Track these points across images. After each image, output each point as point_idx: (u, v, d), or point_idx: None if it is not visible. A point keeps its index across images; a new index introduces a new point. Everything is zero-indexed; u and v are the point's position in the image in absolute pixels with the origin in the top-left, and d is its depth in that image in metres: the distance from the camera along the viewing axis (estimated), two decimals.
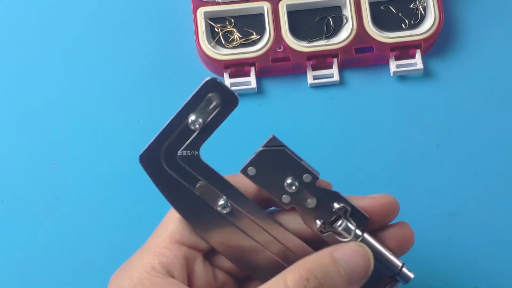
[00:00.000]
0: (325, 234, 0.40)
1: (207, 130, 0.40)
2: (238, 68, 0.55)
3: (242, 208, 0.40)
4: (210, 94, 0.39)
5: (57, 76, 0.56)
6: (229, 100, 0.40)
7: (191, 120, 0.39)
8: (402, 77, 0.56)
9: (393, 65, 0.56)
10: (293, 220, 0.41)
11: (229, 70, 0.55)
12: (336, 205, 0.40)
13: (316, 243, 0.41)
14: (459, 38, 0.57)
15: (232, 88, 0.54)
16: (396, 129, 0.55)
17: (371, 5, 0.56)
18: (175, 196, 0.40)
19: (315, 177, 0.40)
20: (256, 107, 0.56)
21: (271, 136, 0.41)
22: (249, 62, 0.55)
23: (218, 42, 0.56)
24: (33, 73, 0.56)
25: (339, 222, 0.40)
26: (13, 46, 0.57)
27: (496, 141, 0.55)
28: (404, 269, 0.41)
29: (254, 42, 0.56)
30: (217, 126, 0.40)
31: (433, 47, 0.57)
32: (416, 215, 0.53)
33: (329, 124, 0.55)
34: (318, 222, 0.40)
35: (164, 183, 0.40)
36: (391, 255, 0.40)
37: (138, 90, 0.56)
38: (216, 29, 0.56)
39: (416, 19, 0.56)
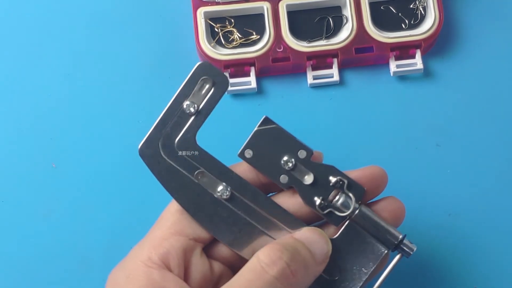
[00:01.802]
0: (325, 212, 0.41)
1: (202, 114, 0.41)
2: (238, 68, 0.55)
3: (241, 193, 0.41)
4: (202, 78, 0.41)
5: (57, 76, 0.56)
6: (220, 82, 0.41)
7: (186, 104, 0.41)
8: (402, 77, 0.56)
9: (393, 65, 0.56)
10: (292, 202, 0.42)
11: (229, 70, 0.55)
12: (332, 179, 0.41)
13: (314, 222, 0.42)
14: (459, 38, 0.57)
15: (232, 88, 0.55)
16: (396, 129, 0.55)
17: (371, 5, 0.56)
18: (175, 185, 0.41)
19: (310, 152, 0.42)
20: (256, 107, 0.56)
21: (264, 117, 0.42)
22: (249, 62, 0.55)
23: (218, 42, 0.56)
24: (33, 73, 0.56)
25: (337, 197, 0.41)
26: (13, 47, 0.57)
27: (496, 141, 0.55)
28: (406, 241, 0.41)
29: (254, 42, 0.56)
30: (210, 110, 0.41)
31: (433, 47, 0.57)
32: (416, 215, 0.53)
33: (329, 124, 0.55)
34: (317, 199, 0.41)
35: (163, 174, 0.41)
36: (391, 226, 0.41)
37: (138, 90, 0.56)
38: (216, 29, 0.56)
39: (416, 19, 0.56)
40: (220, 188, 0.41)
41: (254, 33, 0.56)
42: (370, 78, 0.56)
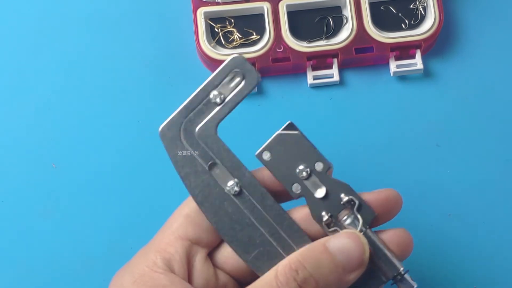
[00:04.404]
0: (331, 230, 0.40)
1: (227, 106, 0.41)
2: None
3: (250, 192, 0.41)
4: (234, 70, 0.41)
5: (57, 77, 0.56)
6: (251, 78, 0.41)
7: (214, 94, 0.41)
8: (402, 77, 0.56)
9: (393, 65, 0.56)
10: (300, 214, 0.41)
11: None
12: (344, 198, 0.40)
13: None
14: (459, 38, 0.57)
15: None
16: (396, 129, 0.55)
17: (371, 5, 0.56)
18: (188, 172, 0.41)
19: (327, 166, 0.41)
20: (256, 107, 0.56)
21: (289, 122, 0.42)
22: (249, 62, 0.55)
23: (218, 42, 0.56)
24: (33, 73, 0.56)
25: (345, 217, 0.40)
26: (13, 47, 0.57)
27: (496, 141, 0.55)
28: (407, 276, 0.40)
29: (254, 42, 0.56)
30: (237, 103, 0.41)
31: (433, 47, 0.57)
32: (416, 215, 0.53)
33: (329, 124, 0.55)
34: (325, 215, 0.40)
35: (178, 158, 0.41)
36: (394, 257, 0.40)
37: (138, 90, 0.56)
38: (216, 29, 0.56)
39: (416, 19, 0.56)
40: (230, 183, 0.41)
41: (254, 33, 0.56)
42: (370, 78, 0.56)
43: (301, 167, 0.41)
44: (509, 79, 0.56)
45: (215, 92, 0.41)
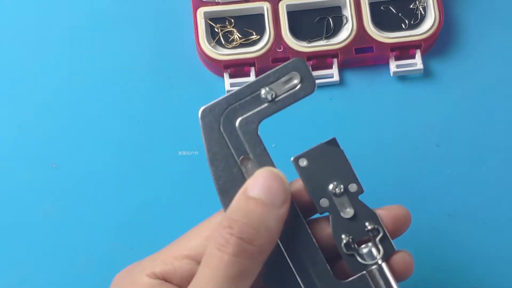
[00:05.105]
0: (347, 253, 0.40)
1: (277, 105, 0.40)
2: (238, 68, 0.55)
3: None
4: (292, 73, 0.40)
5: (57, 76, 0.56)
6: (308, 84, 0.41)
7: (265, 90, 0.40)
8: (402, 77, 0.56)
9: (393, 65, 0.56)
10: (321, 230, 0.40)
11: (229, 70, 0.55)
12: (370, 225, 0.40)
13: (329, 254, 0.40)
14: (459, 38, 0.57)
15: (232, 89, 0.55)
16: (396, 129, 0.55)
17: (371, 5, 0.56)
18: (218, 159, 0.40)
19: (360, 190, 0.40)
20: None
21: (332, 137, 0.41)
22: (249, 63, 0.55)
23: (218, 42, 0.56)
24: (33, 73, 0.56)
25: (365, 245, 0.40)
26: (13, 47, 0.57)
27: (496, 141, 0.55)
28: None
29: (254, 42, 0.56)
30: (285, 105, 0.40)
31: (433, 47, 0.57)
32: (416, 215, 0.53)
33: (328, 124, 0.55)
34: (345, 237, 0.40)
35: (212, 142, 0.40)
36: None
37: (138, 91, 0.56)
38: (216, 29, 0.56)
39: (416, 19, 0.56)
40: None
41: (254, 33, 0.56)
42: (370, 78, 0.56)
43: (334, 183, 0.40)
44: (509, 79, 0.56)
45: (267, 89, 0.40)
